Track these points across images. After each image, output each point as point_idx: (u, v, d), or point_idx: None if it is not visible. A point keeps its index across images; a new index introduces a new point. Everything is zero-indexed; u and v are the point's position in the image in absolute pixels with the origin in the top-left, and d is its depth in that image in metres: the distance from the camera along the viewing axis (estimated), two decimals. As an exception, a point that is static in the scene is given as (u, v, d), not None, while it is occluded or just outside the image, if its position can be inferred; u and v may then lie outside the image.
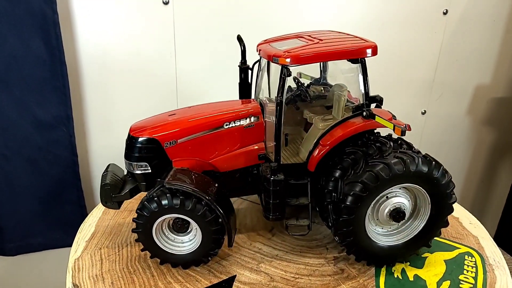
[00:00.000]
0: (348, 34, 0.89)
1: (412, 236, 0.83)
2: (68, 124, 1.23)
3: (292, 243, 0.94)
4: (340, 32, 0.92)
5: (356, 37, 0.86)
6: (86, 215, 1.05)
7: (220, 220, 0.79)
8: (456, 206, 0.99)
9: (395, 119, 0.82)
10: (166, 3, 1.24)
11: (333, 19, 1.41)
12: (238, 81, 1.01)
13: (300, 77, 0.99)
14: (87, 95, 1.28)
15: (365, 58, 0.81)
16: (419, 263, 0.88)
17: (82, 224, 1.02)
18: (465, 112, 1.74)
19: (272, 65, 0.92)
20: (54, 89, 1.19)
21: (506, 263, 1.17)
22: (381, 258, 0.84)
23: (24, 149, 1.23)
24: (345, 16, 1.41)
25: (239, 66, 0.99)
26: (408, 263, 0.87)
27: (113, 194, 0.87)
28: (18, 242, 1.35)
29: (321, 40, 0.84)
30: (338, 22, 1.41)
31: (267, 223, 0.99)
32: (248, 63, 0.99)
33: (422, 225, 0.82)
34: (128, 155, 0.88)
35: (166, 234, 0.84)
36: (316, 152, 0.83)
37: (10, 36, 1.11)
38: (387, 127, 0.79)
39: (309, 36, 0.88)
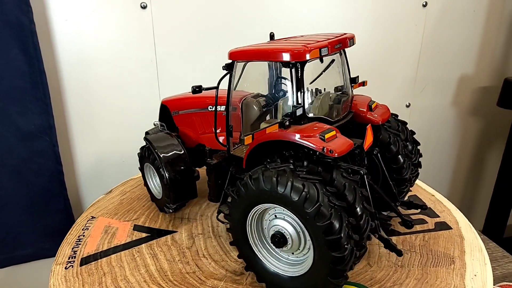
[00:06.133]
0: (338, 37, 0.79)
1: (296, 275, 0.72)
2: (51, 133, 1.22)
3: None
4: (330, 34, 0.82)
5: (329, 41, 0.75)
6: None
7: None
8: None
9: (323, 139, 0.70)
10: (144, 8, 1.23)
11: (313, 17, 1.41)
12: None
13: None
14: (69, 104, 1.28)
15: (298, 64, 0.72)
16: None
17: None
18: (450, 103, 1.75)
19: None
20: (35, 99, 1.18)
21: (492, 251, 1.19)
22: (267, 280, 0.76)
23: (8, 160, 1.22)
24: (325, 13, 1.42)
25: None
26: None
27: None
28: (8, 254, 1.34)
29: (286, 40, 0.83)
30: (318, 20, 1.42)
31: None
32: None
33: (307, 269, 0.70)
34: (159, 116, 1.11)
35: (154, 178, 1.02)
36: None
37: (-13, 48, 1.11)
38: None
39: (296, 37, 0.87)
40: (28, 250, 1.36)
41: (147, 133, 1.08)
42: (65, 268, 0.85)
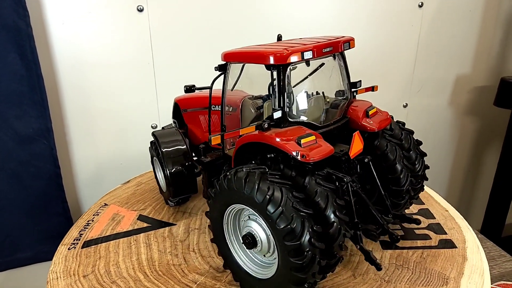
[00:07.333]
0: (329, 40, 0.78)
1: (264, 278, 0.72)
2: (49, 136, 1.23)
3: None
4: (323, 38, 0.82)
5: (315, 44, 0.74)
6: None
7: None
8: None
9: (299, 144, 0.69)
10: (140, 11, 1.24)
11: (309, 19, 1.41)
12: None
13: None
14: (66, 107, 1.28)
15: (280, 67, 0.72)
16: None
17: None
18: (447, 103, 1.75)
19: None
20: (33, 102, 1.18)
21: (489, 251, 1.20)
22: (241, 279, 0.77)
23: (6, 163, 1.23)
24: (321, 15, 1.42)
25: None
26: None
27: None
28: (7, 257, 1.35)
29: (277, 43, 0.83)
30: (314, 21, 1.42)
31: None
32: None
33: (273, 273, 0.69)
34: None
35: (161, 171, 1.04)
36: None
37: (-15, 52, 1.11)
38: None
39: (294, 39, 0.86)
40: (27, 253, 1.36)
41: (163, 128, 1.11)
42: (68, 249, 0.92)
